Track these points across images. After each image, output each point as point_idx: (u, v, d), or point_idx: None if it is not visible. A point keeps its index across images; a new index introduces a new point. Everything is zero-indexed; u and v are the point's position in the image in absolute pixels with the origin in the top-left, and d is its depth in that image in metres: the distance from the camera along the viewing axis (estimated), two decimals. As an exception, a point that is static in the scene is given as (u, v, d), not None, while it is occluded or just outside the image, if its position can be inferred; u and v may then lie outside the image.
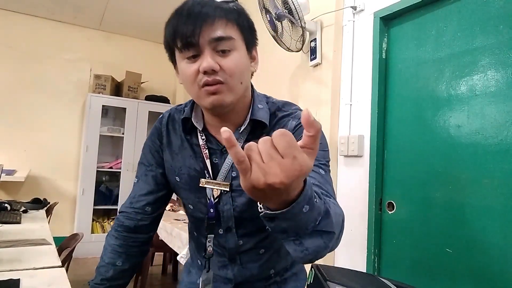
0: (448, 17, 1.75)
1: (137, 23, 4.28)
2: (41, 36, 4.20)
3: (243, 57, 0.76)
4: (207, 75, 0.71)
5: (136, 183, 0.95)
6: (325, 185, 0.69)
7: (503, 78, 1.53)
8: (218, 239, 0.87)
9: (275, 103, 0.86)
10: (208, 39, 0.70)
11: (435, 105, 1.77)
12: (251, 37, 0.79)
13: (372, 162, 2.01)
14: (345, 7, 2.25)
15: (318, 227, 0.52)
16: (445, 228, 1.68)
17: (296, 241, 0.52)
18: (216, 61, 0.71)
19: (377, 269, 1.98)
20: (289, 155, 0.42)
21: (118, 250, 0.91)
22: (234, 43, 0.73)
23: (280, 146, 0.42)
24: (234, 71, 0.73)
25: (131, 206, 0.93)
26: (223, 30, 0.71)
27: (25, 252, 1.57)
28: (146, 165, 0.94)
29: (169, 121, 0.91)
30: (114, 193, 4.35)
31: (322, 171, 0.72)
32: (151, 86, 4.73)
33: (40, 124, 4.14)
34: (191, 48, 0.71)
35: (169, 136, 0.90)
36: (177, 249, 2.32)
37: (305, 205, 0.48)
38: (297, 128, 0.80)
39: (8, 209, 2.54)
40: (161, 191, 0.93)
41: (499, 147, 1.52)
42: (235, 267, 0.88)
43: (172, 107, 0.95)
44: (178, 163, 0.87)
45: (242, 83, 0.76)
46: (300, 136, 0.70)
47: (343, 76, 2.27)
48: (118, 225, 0.93)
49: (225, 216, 0.84)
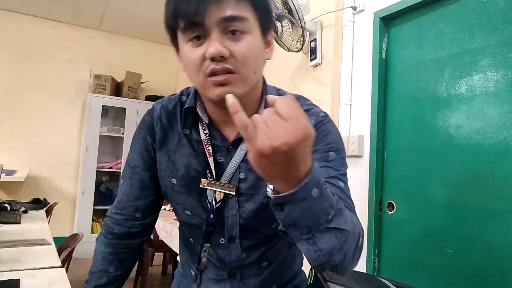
0: (448, 17, 1.75)
1: (137, 23, 4.27)
2: (41, 36, 4.20)
3: (257, 41, 0.64)
4: (214, 63, 0.60)
5: (121, 185, 0.83)
6: (346, 200, 0.64)
7: (503, 78, 1.53)
8: (217, 250, 0.76)
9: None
10: (216, 19, 0.59)
11: (435, 105, 1.77)
12: (267, 19, 0.67)
13: (372, 162, 2.01)
14: (345, 7, 2.25)
15: (331, 224, 0.50)
16: (445, 228, 1.68)
17: (309, 240, 0.50)
18: (226, 46, 0.60)
19: (377, 269, 1.98)
20: (292, 118, 0.43)
21: (109, 258, 0.84)
22: (248, 24, 0.61)
23: (282, 111, 0.43)
24: (247, 58, 0.61)
25: (118, 212, 0.83)
26: (234, 9, 0.59)
27: (25, 252, 1.57)
28: (132, 167, 0.81)
29: (163, 113, 0.77)
30: (114, 193, 4.34)
31: (341, 183, 0.66)
32: (151, 86, 4.73)
33: (40, 124, 4.14)
34: (195, 28, 0.60)
35: (163, 132, 0.77)
36: (177, 249, 2.31)
37: (314, 187, 0.47)
38: (317, 127, 0.70)
39: (8, 209, 2.54)
40: (151, 197, 0.81)
41: (499, 147, 1.52)
42: (234, 282, 0.77)
43: (162, 98, 0.81)
44: (176, 163, 0.75)
45: (256, 73, 0.65)
46: (323, 134, 0.69)
47: (343, 76, 2.27)
48: (107, 231, 0.84)
49: (229, 223, 0.74)
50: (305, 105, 0.75)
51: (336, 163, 0.67)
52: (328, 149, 0.68)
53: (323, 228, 0.49)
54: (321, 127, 0.71)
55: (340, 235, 0.51)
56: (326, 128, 0.71)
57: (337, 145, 0.70)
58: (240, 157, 0.72)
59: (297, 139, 0.42)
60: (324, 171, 0.65)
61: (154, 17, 4.03)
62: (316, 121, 0.71)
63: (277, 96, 0.75)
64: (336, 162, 0.67)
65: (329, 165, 0.66)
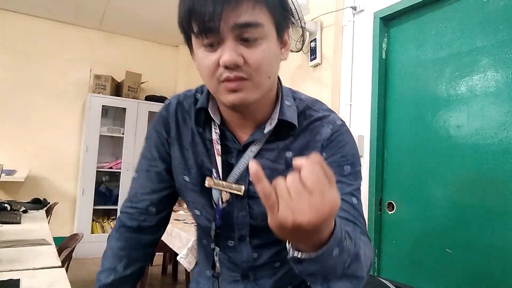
0: (448, 17, 1.75)
1: (137, 23, 4.27)
2: (41, 36, 4.20)
3: (272, 46, 0.62)
4: (228, 70, 0.59)
5: (136, 178, 0.81)
6: (358, 219, 0.63)
7: (503, 78, 1.53)
8: (228, 252, 0.75)
9: (303, 100, 0.74)
10: (231, 25, 0.57)
11: (435, 105, 1.77)
12: (284, 19, 0.64)
13: (372, 162, 2.01)
14: (345, 7, 2.25)
15: (348, 271, 0.50)
16: (445, 228, 1.68)
17: (323, 284, 0.50)
18: (240, 53, 0.58)
19: (377, 269, 1.98)
20: (318, 191, 0.40)
21: (120, 253, 0.80)
22: (263, 30, 0.59)
23: (308, 181, 0.40)
24: (261, 64, 0.60)
25: (132, 206, 0.81)
26: (250, 14, 0.57)
27: (25, 252, 1.57)
28: (149, 159, 0.80)
29: (178, 109, 0.76)
30: (114, 193, 4.35)
31: (354, 199, 0.65)
32: (151, 86, 4.73)
33: (40, 124, 4.14)
34: (210, 34, 0.58)
35: (178, 128, 0.76)
36: (177, 249, 2.31)
37: (335, 247, 0.46)
38: (334, 137, 0.69)
39: (8, 209, 2.54)
40: (166, 190, 0.80)
41: (499, 147, 1.52)
42: (248, 283, 0.77)
43: (179, 93, 0.79)
44: (189, 161, 0.75)
45: (270, 78, 0.63)
46: (339, 145, 0.69)
47: (343, 77, 2.27)
48: (119, 225, 0.82)
49: (239, 223, 0.73)
50: (321, 110, 0.73)
51: (350, 177, 0.67)
52: (344, 162, 0.68)
53: (339, 275, 0.50)
54: (338, 137, 0.70)
55: (356, 280, 0.52)
56: (343, 139, 0.70)
57: (352, 158, 0.69)
58: (249, 158, 0.71)
59: (322, 218, 0.40)
60: (338, 187, 0.65)
61: (154, 17, 4.03)
62: (332, 130, 0.70)
63: (293, 100, 0.72)
64: (350, 176, 0.67)
65: (343, 180, 0.66)
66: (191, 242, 2.13)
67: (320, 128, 0.71)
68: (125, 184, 4.21)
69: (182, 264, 2.13)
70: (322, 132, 0.70)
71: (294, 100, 0.73)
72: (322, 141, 0.70)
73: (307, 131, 0.71)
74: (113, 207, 4.26)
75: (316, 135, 0.70)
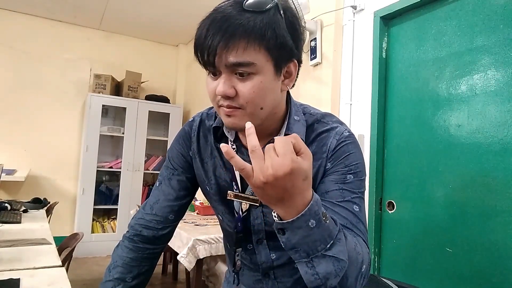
0: (448, 16, 1.75)
1: (137, 23, 4.27)
2: (41, 36, 4.20)
3: (266, 80, 0.65)
4: (222, 99, 0.66)
5: (158, 186, 0.87)
6: (358, 226, 0.67)
7: (503, 78, 1.53)
8: (248, 254, 0.82)
9: (312, 114, 0.78)
10: (224, 63, 0.63)
11: (435, 105, 1.77)
12: (284, 53, 0.66)
13: (372, 162, 2.01)
14: (345, 6, 2.25)
15: (329, 252, 0.55)
16: (445, 228, 1.68)
17: (308, 263, 0.55)
18: (233, 85, 0.64)
19: (377, 268, 1.98)
20: (282, 154, 0.50)
21: (131, 264, 0.84)
22: (256, 67, 0.63)
23: (277, 148, 0.51)
24: (251, 97, 0.64)
25: (152, 213, 0.85)
26: (240, 55, 0.61)
27: (25, 252, 1.57)
28: (172, 168, 0.87)
29: (201, 126, 0.85)
30: (114, 193, 4.34)
31: (355, 207, 0.69)
32: (151, 86, 4.73)
33: (40, 124, 4.14)
34: (209, 66, 0.65)
35: (199, 143, 0.84)
36: (177, 249, 2.31)
37: (311, 219, 0.53)
38: (339, 148, 0.72)
39: (8, 208, 2.54)
40: (186, 198, 0.87)
41: (499, 147, 1.52)
42: (269, 281, 0.83)
43: (202, 111, 0.88)
44: (208, 173, 0.82)
45: (263, 109, 0.67)
46: (343, 156, 0.72)
47: (343, 76, 2.26)
48: (134, 234, 0.85)
49: (255, 230, 0.79)
50: (331, 122, 0.77)
51: (352, 186, 0.70)
52: (347, 172, 0.71)
53: (321, 254, 0.55)
54: (342, 147, 0.73)
55: (337, 263, 0.56)
56: (347, 149, 0.73)
57: (356, 168, 0.72)
58: None
59: (282, 172, 0.49)
60: (338, 194, 0.69)
61: (154, 17, 4.03)
62: (338, 140, 0.73)
63: (302, 115, 0.78)
64: (352, 184, 0.70)
65: (345, 188, 0.70)
66: (191, 241, 2.13)
67: (327, 139, 0.74)
68: (125, 184, 4.21)
69: (182, 263, 2.13)
70: (328, 143, 0.74)
71: (304, 114, 0.78)
72: (328, 152, 0.73)
73: (315, 143, 0.75)
74: (113, 206, 4.26)
75: (323, 146, 0.74)
